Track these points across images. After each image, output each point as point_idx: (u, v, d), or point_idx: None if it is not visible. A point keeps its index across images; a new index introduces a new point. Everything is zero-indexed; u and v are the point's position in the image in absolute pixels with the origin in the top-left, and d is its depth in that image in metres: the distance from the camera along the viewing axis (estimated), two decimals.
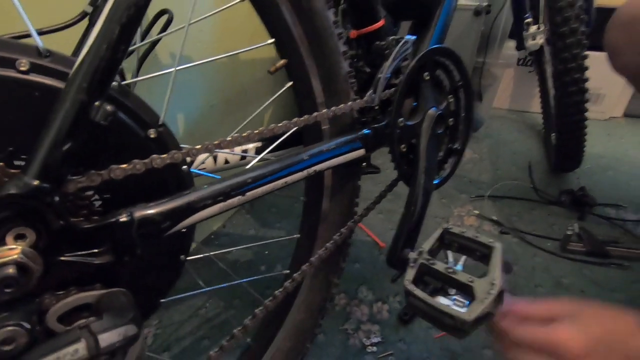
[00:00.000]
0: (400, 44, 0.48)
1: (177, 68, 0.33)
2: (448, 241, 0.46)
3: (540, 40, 0.94)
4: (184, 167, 0.32)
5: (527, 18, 0.97)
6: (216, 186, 0.33)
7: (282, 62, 0.46)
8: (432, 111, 0.53)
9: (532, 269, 0.79)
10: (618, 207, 0.96)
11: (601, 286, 0.75)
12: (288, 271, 0.54)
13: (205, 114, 0.80)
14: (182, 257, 0.34)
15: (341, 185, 0.52)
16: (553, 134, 1.03)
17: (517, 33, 1.10)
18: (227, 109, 0.85)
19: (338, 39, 0.45)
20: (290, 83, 0.46)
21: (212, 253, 0.61)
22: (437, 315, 0.38)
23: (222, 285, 0.52)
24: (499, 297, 0.38)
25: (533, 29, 0.95)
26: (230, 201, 0.34)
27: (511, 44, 1.23)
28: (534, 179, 1.09)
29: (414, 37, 0.50)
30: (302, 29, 0.43)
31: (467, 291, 0.39)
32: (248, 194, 0.36)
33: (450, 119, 0.59)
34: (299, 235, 0.54)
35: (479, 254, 0.44)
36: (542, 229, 0.90)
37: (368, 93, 0.48)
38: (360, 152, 0.48)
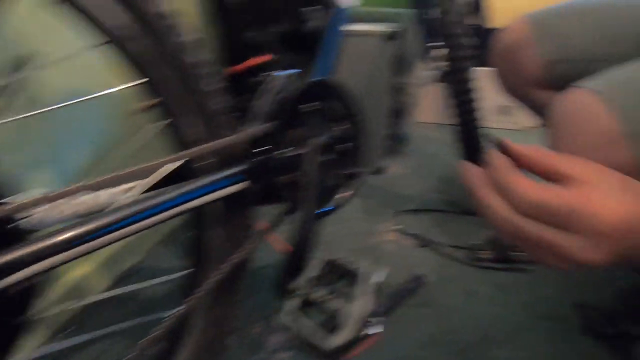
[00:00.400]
0: (276, 79, 0.50)
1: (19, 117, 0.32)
2: (330, 269, 0.48)
3: (441, 61, 1.00)
4: (16, 221, 0.31)
5: (431, 41, 1.03)
6: (52, 238, 0.32)
7: (152, 101, 0.46)
8: (316, 140, 0.55)
9: (445, 280, 0.83)
10: None
11: (507, 291, 0.79)
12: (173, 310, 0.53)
13: (76, 158, 0.76)
14: (24, 316, 0.33)
15: (231, 218, 0.52)
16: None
17: (427, 54, 1.17)
18: (97, 152, 0.81)
19: (212, 76, 0.46)
20: (163, 121, 0.46)
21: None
22: (308, 344, 0.39)
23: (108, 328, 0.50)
24: (368, 320, 0.39)
25: (436, 51, 1.02)
26: (78, 249, 0.33)
27: (427, 63, 1.30)
28: (454, 189, 1.15)
29: (293, 71, 0.52)
30: (173, 66, 0.43)
31: (336, 319, 0.40)
32: (101, 239, 0.35)
33: (344, 145, 0.61)
34: (189, 270, 0.53)
35: (355, 280, 0.46)
36: (458, 239, 0.95)
37: (248, 127, 0.49)
38: (243, 184, 0.48)
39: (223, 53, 0.53)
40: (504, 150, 0.31)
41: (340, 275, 0.47)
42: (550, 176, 0.30)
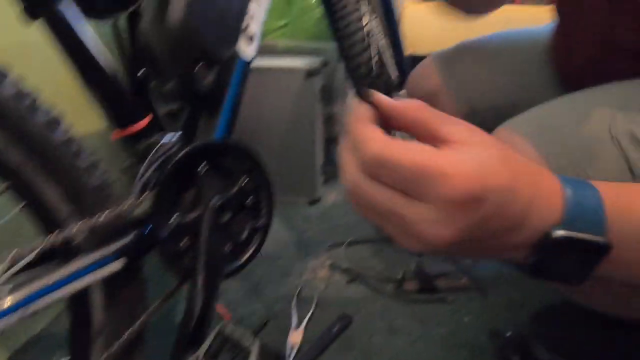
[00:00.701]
0: (163, 143, 0.49)
1: None
2: (225, 339, 0.47)
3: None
4: None
5: (352, 72, 1.06)
6: None
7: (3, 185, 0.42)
8: (213, 201, 0.54)
9: (370, 316, 0.83)
10: None
11: (428, 324, 0.81)
12: None
13: None
14: None
15: (115, 297, 0.49)
16: None
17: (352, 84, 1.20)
18: None
19: (76, 153, 0.43)
20: (21, 204, 0.43)
21: None
22: None
23: None
24: None
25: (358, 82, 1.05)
26: None
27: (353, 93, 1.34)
28: None
29: (180, 133, 0.51)
30: (25, 150, 0.41)
31: None
32: None
33: (248, 199, 0.60)
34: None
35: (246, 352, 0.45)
36: (387, 270, 0.96)
37: (128, 199, 0.47)
38: (120, 262, 0.46)
39: (108, 117, 0.51)
40: (372, 102, 0.25)
41: (234, 353, 0.45)
42: (426, 141, 0.24)
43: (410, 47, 1.12)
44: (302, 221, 1.18)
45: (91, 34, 0.45)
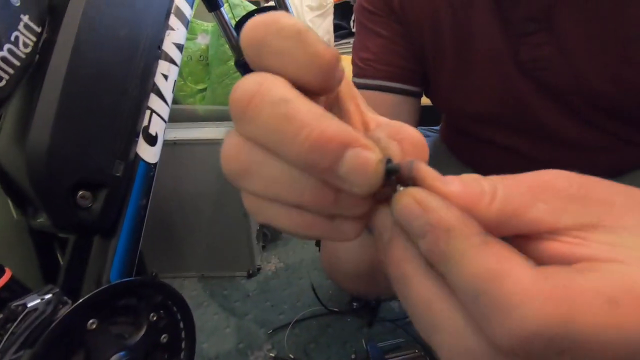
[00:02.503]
0: (23, 314, 0.38)
1: None
2: None
3: None
4: None
5: None
6: None
7: None
8: (115, 358, 0.44)
9: None
10: (392, 298, 1.03)
11: None
12: None
13: None
14: None
15: None
16: None
17: None
18: None
19: None
20: None
21: None
22: None
23: None
24: None
25: None
26: None
27: None
28: (323, 290, 1.11)
29: (50, 289, 0.41)
30: None
31: None
32: None
33: (162, 337, 0.51)
34: None
35: None
36: (336, 351, 0.89)
37: None
38: None
39: None
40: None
41: None
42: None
43: None
44: (241, 301, 1.08)
45: None
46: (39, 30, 0.43)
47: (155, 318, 0.49)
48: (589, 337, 0.12)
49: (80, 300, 0.40)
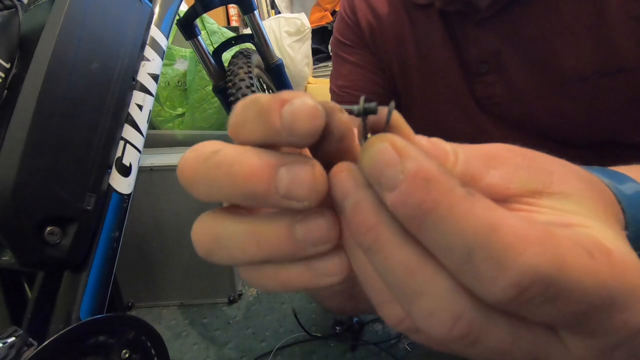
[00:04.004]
0: None
1: None
2: None
3: None
4: None
5: None
6: None
7: None
8: None
9: None
10: (375, 320, 1.03)
11: None
12: None
13: None
14: None
15: None
16: None
17: None
18: None
19: None
20: None
21: None
22: None
23: None
24: None
25: None
26: None
27: None
28: (306, 314, 1.10)
29: (14, 331, 0.39)
30: None
31: None
32: None
33: None
34: None
35: None
36: None
37: None
38: None
39: None
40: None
41: None
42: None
43: None
44: (222, 330, 1.06)
45: None
46: (7, 66, 0.43)
47: (127, 355, 0.48)
48: (575, 283, 0.12)
49: (46, 342, 0.39)
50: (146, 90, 0.63)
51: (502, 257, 0.12)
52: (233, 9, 2.13)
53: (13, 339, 0.38)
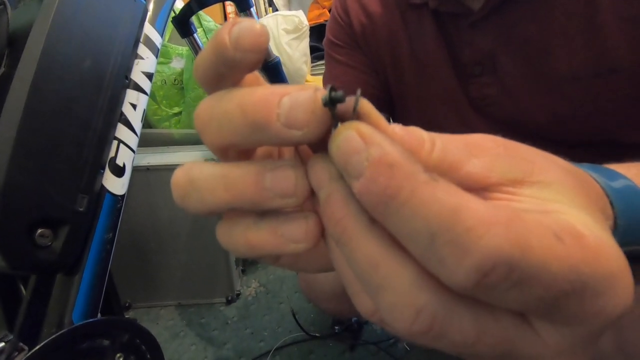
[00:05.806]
0: None
1: None
2: None
3: None
4: None
5: None
6: None
7: None
8: None
9: None
10: None
11: None
12: None
13: None
14: None
15: None
16: None
17: None
18: None
19: None
20: None
21: None
22: None
23: None
24: None
25: None
26: None
27: None
28: (305, 314, 1.09)
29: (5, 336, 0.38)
30: None
31: None
32: None
33: None
34: None
35: None
36: None
37: None
38: None
39: None
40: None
41: None
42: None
43: None
44: (220, 330, 1.05)
45: None
46: None
47: (122, 359, 0.47)
48: (541, 268, 0.12)
49: (37, 347, 0.38)
50: (140, 89, 0.62)
51: (464, 240, 0.12)
52: (230, 6, 2.12)
53: (3, 344, 0.37)
